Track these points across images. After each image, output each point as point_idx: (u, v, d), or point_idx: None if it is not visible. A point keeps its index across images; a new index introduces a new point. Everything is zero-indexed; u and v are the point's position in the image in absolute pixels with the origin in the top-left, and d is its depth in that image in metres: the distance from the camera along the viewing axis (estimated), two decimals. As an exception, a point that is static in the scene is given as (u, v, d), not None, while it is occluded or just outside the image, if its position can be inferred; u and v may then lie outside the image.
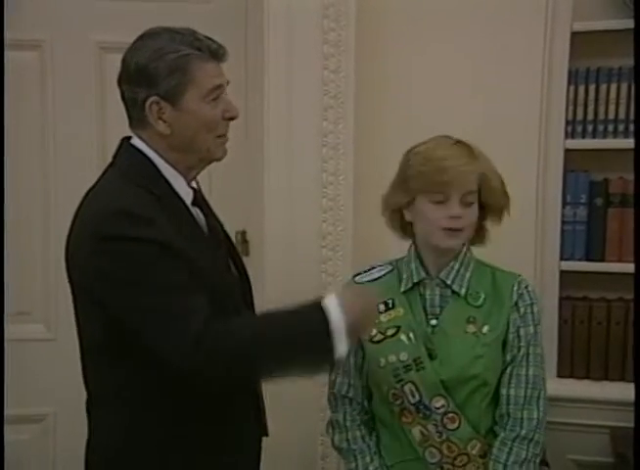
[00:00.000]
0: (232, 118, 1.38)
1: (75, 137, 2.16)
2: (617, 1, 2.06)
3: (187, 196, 1.40)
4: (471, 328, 1.56)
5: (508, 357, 1.58)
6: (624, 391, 2.07)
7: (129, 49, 1.35)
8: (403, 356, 1.55)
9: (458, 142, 1.57)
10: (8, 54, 1.96)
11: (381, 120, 2.12)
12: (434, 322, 1.58)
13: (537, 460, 1.59)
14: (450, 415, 1.54)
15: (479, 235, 1.61)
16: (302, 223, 2.05)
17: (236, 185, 2.14)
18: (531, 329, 1.59)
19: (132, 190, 1.33)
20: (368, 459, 1.60)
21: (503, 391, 1.57)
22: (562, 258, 2.15)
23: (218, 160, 1.42)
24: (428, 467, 1.56)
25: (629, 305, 2.12)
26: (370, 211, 2.09)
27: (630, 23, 2.02)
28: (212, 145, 1.38)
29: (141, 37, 1.35)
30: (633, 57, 1.86)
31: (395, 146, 2.06)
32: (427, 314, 1.59)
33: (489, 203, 1.57)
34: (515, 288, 1.60)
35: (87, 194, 1.37)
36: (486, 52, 2.08)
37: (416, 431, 1.56)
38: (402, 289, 1.60)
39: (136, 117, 1.36)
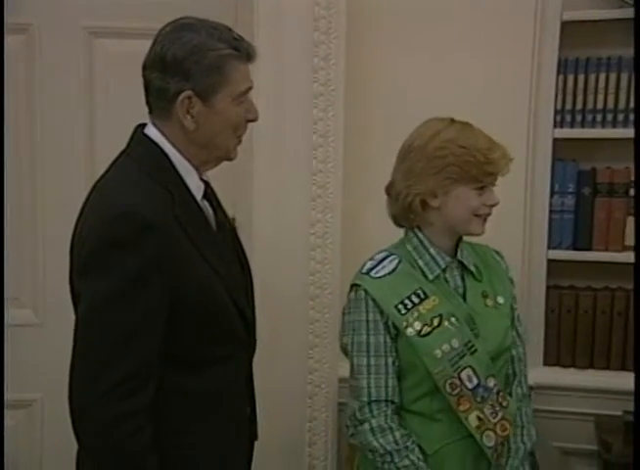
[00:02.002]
0: (253, 120, 1.40)
1: (63, 122, 2.16)
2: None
3: (198, 190, 1.40)
4: (489, 302, 1.61)
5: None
6: (609, 379, 2.13)
7: (164, 38, 1.33)
8: (455, 343, 1.55)
9: (470, 125, 1.58)
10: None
11: (371, 108, 2.13)
12: (461, 300, 1.60)
13: None
14: (501, 393, 1.59)
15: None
16: (291, 210, 2.06)
17: (225, 172, 2.15)
18: (514, 290, 1.69)
19: (144, 184, 1.33)
20: (417, 451, 1.58)
21: (513, 351, 1.66)
22: (549, 247, 2.17)
23: (231, 159, 1.43)
24: (483, 450, 1.58)
25: (615, 294, 2.17)
26: (359, 199, 2.12)
27: (620, 13, 2.05)
28: (232, 145, 1.40)
29: (178, 28, 1.33)
30: (633, 47, 1.88)
31: (385, 134, 2.07)
32: (455, 294, 1.60)
33: None
34: (497, 258, 1.69)
35: (98, 181, 1.37)
36: (476, 41, 2.09)
37: (473, 417, 1.56)
38: (431, 277, 1.59)
39: (161, 106, 1.35)
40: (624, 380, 1.95)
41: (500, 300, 1.63)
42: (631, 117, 2.08)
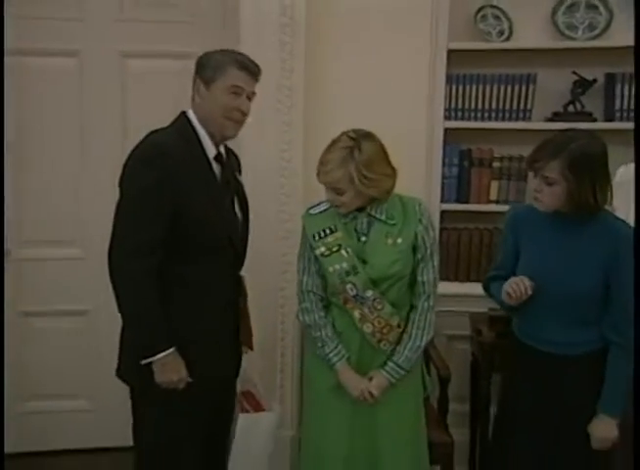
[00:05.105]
0: (242, 113, 1.86)
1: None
2: (478, 29, 2.75)
3: (210, 151, 1.86)
4: (389, 241, 1.95)
5: (419, 256, 2.00)
6: (479, 288, 2.46)
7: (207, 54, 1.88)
8: (344, 265, 1.94)
9: (346, 141, 1.89)
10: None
11: (324, 91, 2.61)
12: (364, 239, 1.98)
13: None
14: (377, 300, 1.95)
15: (375, 199, 1.98)
16: (266, 158, 2.53)
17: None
18: (432, 235, 2.01)
19: (171, 135, 1.81)
20: (329, 327, 2.01)
21: (419, 278, 2.00)
22: (442, 201, 2.80)
23: (230, 137, 1.89)
24: (365, 336, 1.98)
25: (482, 232, 2.83)
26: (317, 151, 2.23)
27: (485, 46, 2.71)
28: (221, 124, 1.84)
29: (216, 52, 1.88)
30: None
31: (333, 109, 2.61)
32: (358, 235, 1.98)
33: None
34: (417, 208, 2.01)
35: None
36: (389, 60, 2.64)
37: (356, 313, 1.97)
38: (343, 220, 1.98)
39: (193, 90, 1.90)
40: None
41: (399, 240, 1.95)
42: (494, 114, 2.76)
